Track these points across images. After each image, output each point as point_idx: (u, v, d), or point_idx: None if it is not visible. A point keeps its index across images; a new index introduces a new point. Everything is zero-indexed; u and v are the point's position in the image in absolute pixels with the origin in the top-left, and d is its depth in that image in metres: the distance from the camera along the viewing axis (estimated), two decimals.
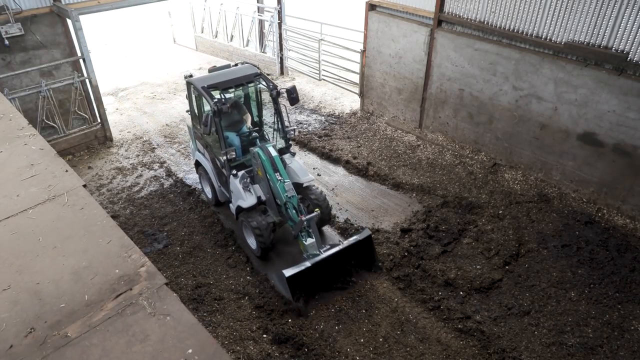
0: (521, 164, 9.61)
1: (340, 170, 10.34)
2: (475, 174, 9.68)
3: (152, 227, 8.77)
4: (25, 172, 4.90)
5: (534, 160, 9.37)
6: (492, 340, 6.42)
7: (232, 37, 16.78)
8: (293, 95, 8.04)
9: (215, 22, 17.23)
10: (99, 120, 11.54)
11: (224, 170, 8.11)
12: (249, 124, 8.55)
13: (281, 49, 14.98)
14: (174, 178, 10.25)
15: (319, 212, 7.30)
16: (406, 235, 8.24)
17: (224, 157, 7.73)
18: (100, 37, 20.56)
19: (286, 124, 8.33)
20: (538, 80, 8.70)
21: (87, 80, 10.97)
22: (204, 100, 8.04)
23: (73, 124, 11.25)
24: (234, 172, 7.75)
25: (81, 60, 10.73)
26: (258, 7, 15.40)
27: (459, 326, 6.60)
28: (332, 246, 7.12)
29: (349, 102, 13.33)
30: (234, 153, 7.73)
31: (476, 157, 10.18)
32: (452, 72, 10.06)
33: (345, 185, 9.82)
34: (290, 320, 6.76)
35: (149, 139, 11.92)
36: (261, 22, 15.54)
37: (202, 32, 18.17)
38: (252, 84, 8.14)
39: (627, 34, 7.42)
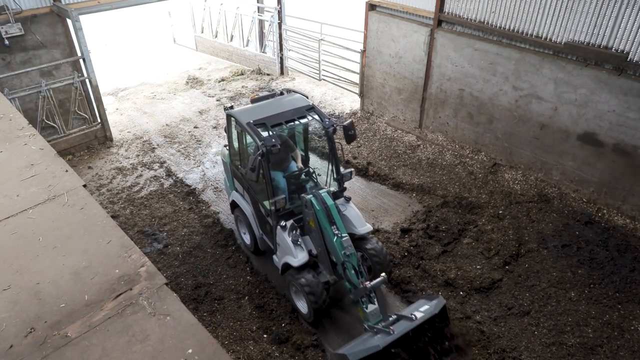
0: (521, 164, 9.61)
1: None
2: (475, 174, 9.68)
3: (152, 227, 8.77)
4: (25, 172, 4.90)
5: (534, 160, 9.37)
6: (492, 340, 6.42)
7: (232, 37, 16.78)
8: (351, 133, 6.94)
9: (215, 22, 17.23)
10: (99, 120, 11.53)
11: (268, 219, 6.97)
12: (299, 162, 7.33)
13: (281, 49, 14.98)
14: (174, 178, 10.25)
15: (385, 276, 6.01)
16: (406, 235, 8.24)
17: (272, 208, 6.56)
18: (100, 37, 20.55)
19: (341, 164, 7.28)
20: (538, 80, 8.70)
21: (87, 80, 10.97)
22: (247, 136, 6.97)
23: (73, 124, 11.25)
24: (283, 223, 6.58)
25: (81, 60, 10.73)
26: (258, 7, 15.40)
27: (459, 326, 6.60)
28: (400, 317, 5.75)
29: (349, 102, 13.33)
30: (283, 202, 6.53)
31: (476, 157, 10.18)
32: (452, 72, 10.06)
33: (345, 185, 9.80)
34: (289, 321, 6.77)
35: (149, 139, 11.92)
36: (261, 22, 15.55)
37: (202, 32, 18.16)
38: (303, 119, 6.85)
39: (627, 34, 7.42)
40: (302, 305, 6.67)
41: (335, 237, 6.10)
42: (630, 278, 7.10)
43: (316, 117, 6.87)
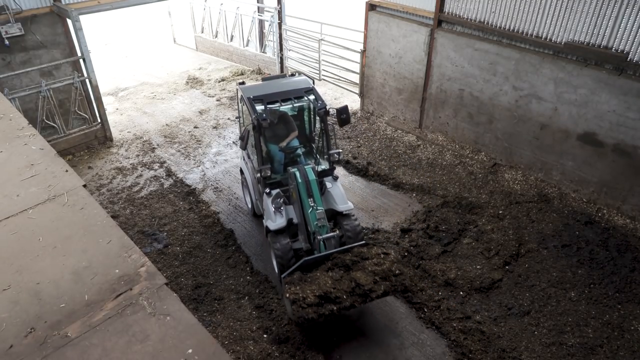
0: (521, 164, 9.61)
1: (340, 170, 10.33)
2: (475, 174, 9.67)
3: (152, 227, 8.77)
4: (25, 172, 4.90)
5: (534, 160, 9.36)
6: (492, 340, 6.41)
7: (232, 37, 16.78)
8: (343, 116, 7.35)
9: (215, 22, 17.23)
10: (99, 120, 11.53)
11: (259, 186, 7.65)
12: (287, 141, 7.65)
13: (281, 49, 14.97)
14: (174, 178, 10.25)
15: (338, 233, 6.82)
16: (406, 235, 8.24)
17: (258, 175, 7.26)
18: (100, 37, 20.55)
19: (332, 145, 7.71)
20: (538, 80, 8.70)
21: (87, 80, 10.97)
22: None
23: (73, 124, 11.25)
24: (268, 190, 7.19)
25: (81, 60, 10.73)
26: (258, 7, 15.40)
27: (459, 326, 6.60)
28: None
29: (349, 102, 13.29)
30: (268, 172, 7.12)
31: (476, 157, 10.18)
32: (452, 72, 10.06)
33: (345, 185, 9.81)
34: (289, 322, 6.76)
35: (149, 139, 11.92)
36: (261, 22, 15.54)
37: (202, 32, 18.16)
38: (301, 100, 7.49)
39: (627, 34, 7.42)
40: (275, 265, 7.20)
41: (311, 209, 6.62)
42: (630, 278, 7.10)
43: (311, 97, 7.41)
